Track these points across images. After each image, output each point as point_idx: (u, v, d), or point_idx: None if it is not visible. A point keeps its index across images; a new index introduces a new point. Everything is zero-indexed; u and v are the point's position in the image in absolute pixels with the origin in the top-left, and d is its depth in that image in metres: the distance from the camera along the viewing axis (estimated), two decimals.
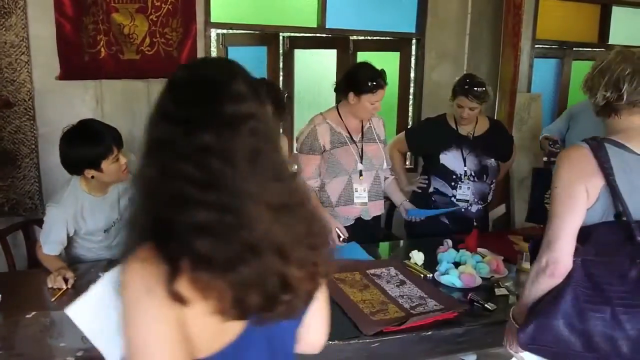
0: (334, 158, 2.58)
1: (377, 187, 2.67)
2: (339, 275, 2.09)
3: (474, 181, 2.73)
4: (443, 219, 2.77)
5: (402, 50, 4.48)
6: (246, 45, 4.21)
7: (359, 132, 2.65)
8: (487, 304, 1.91)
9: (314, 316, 1.06)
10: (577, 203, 1.43)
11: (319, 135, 2.57)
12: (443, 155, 2.75)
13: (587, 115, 3.16)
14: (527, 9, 4.44)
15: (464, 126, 2.78)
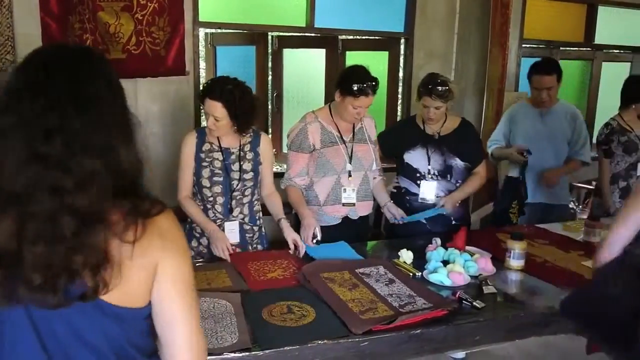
0: (324, 157, 2.57)
1: (365, 188, 2.67)
2: (328, 274, 2.09)
3: (437, 180, 2.74)
4: (423, 221, 2.76)
5: (390, 49, 4.49)
6: (235, 44, 4.20)
7: (350, 132, 2.64)
8: (475, 302, 1.92)
9: (170, 328, 1.03)
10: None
11: (309, 133, 2.57)
12: (407, 154, 2.76)
13: (524, 115, 3.33)
14: (515, 8, 4.48)
15: (431, 125, 2.77)
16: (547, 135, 3.29)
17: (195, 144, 2.37)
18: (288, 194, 2.62)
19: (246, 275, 2.11)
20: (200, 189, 2.39)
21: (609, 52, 5.48)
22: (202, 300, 1.84)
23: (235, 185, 2.39)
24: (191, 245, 2.43)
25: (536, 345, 3.19)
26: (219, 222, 2.39)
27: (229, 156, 2.39)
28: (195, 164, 2.37)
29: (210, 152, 2.38)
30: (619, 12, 5.37)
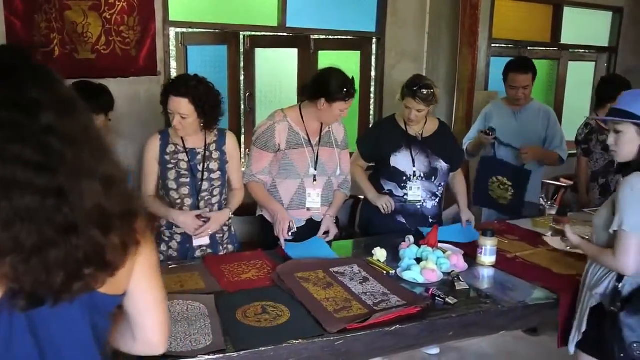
0: (287, 159, 2.55)
1: (328, 193, 2.65)
2: (303, 274, 2.09)
3: (422, 181, 2.76)
4: (399, 218, 2.79)
5: (362, 49, 4.52)
6: (206, 44, 4.16)
7: (317, 135, 2.61)
8: (448, 298, 1.94)
9: (145, 313, 1.10)
10: None
11: (276, 133, 2.54)
12: (393, 157, 2.76)
13: (498, 114, 3.39)
14: (484, 9, 4.55)
15: (412, 126, 2.79)
16: (521, 134, 3.34)
17: (159, 146, 2.32)
18: (252, 190, 2.59)
19: (219, 276, 2.10)
20: (168, 192, 2.34)
21: (575, 51, 5.62)
22: (175, 303, 1.82)
23: (202, 186, 2.35)
24: (160, 250, 2.36)
25: (508, 339, 3.26)
26: None
27: (194, 157, 2.34)
28: (161, 166, 2.32)
29: (175, 153, 2.32)
30: (584, 13, 5.51)
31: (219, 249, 2.45)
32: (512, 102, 3.39)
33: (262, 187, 2.59)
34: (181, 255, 2.35)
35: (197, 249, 2.39)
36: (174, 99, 2.21)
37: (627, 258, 1.71)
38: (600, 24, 5.70)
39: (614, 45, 5.70)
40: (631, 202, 1.70)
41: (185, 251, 2.37)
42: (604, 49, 5.74)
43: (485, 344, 3.26)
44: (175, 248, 2.38)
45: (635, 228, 1.69)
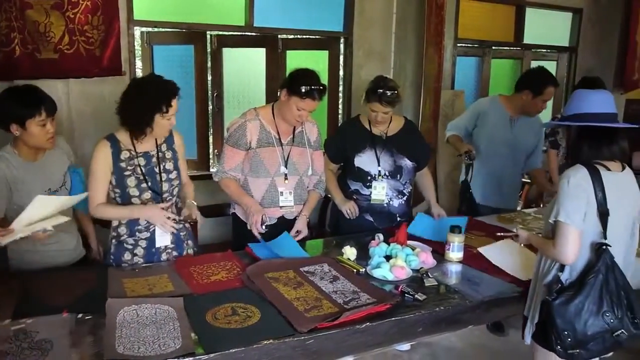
0: (258, 157, 2.55)
1: (300, 192, 2.65)
2: (273, 274, 2.09)
3: (388, 179, 2.79)
4: (367, 216, 2.81)
5: (330, 48, 4.53)
6: (172, 43, 4.11)
7: (289, 135, 2.62)
8: (417, 295, 1.97)
9: None
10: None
11: (247, 131, 2.54)
12: (358, 158, 2.78)
13: (495, 114, 3.26)
14: (449, 9, 4.62)
15: (377, 127, 2.81)
16: (512, 144, 3.25)
17: (111, 153, 2.20)
18: (225, 186, 2.58)
19: (188, 279, 2.08)
20: (129, 199, 2.24)
21: (537, 51, 5.77)
22: (143, 307, 1.79)
23: (163, 188, 2.30)
24: (124, 259, 2.28)
25: (477, 333, 3.32)
26: (154, 228, 2.28)
27: (149, 160, 2.28)
28: (115, 174, 2.21)
29: (130, 159, 2.22)
30: (545, 14, 5.65)
31: (184, 247, 2.41)
32: (515, 109, 3.22)
33: (234, 183, 2.58)
34: (147, 261, 2.30)
35: (163, 251, 2.34)
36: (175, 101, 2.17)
37: (565, 248, 1.79)
38: (561, 24, 5.86)
39: (574, 45, 5.87)
40: (567, 194, 1.79)
41: (151, 256, 2.31)
42: (564, 49, 5.90)
43: (455, 338, 3.32)
44: (141, 255, 2.30)
45: (570, 218, 1.77)
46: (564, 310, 1.75)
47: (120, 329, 1.66)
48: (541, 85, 3.07)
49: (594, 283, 1.74)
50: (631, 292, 1.79)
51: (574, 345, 1.75)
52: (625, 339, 1.77)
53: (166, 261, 2.32)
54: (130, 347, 1.56)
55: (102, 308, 1.78)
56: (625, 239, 1.90)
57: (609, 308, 1.74)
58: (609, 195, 1.78)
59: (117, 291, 1.94)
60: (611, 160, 1.85)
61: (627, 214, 1.87)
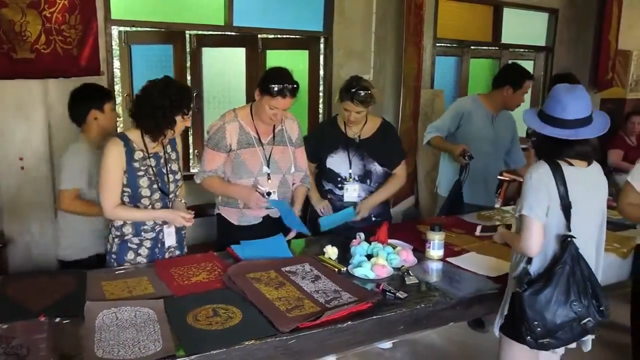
0: (239, 159, 2.54)
1: (284, 190, 2.65)
2: (254, 274, 2.08)
3: (357, 183, 2.79)
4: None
5: (310, 48, 4.53)
6: (151, 43, 4.07)
7: (269, 134, 2.61)
8: (398, 293, 1.98)
9: None
10: None
11: (227, 133, 2.53)
12: (330, 159, 2.79)
13: (478, 113, 3.32)
14: (428, 9, 4.66)
15: (351, 128, 2.81)
16: (494, 141, 3.34)
17: (124, 153, 2.19)
18: (208, 185, 2.58)
19: (169, 280, 2.06)
20: (139, 199, 2.25)
21: (515, 50, 5.85)
22: (122, 310, 1.77)
23: (170, 188, 2.34)
24: (127, 259, 2.29)
25: (458, 330, 3.36)
26: (159, 228, 2.31)
27: (158, 160, 2.31)
28: (128, 175, 2.21)
29: (144, 159, 2.25)
30: (522, 14, 5.73)
31: (184, 247, 2.46)
32: (495, 106, 3.31)
33: (217, 179, 2.57)
34: (150, 261, 2.30)
35: (167, 251, 2.36)
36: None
37: (529, 240, 1.85)
38: (538, 24, 5.95)
39: (550, 44, 5.96)
40: (530, 188, 1.86)
41: (154, 256, 2.32)
42: (541, 49, 5.99)
43: (436, 335, 3.35)
44: (145, 255, 2.31)
45: (532, 212, 1.84)
46: (534, 301, 1.80)
47: (99, 332, 1.64)
48: (520, 79, 3.23)
49: (561, 274, 1.80)
50: (595, 281, 1.85)
51: (544, 334, 1.81)
52: (592, 326, 1.83)
53: (145, 263, 2.30)
54: (109, 351, 1.54)
55: (80, 311, 1.76)
56: (594, 231, 1.96)
57: (576, 297, 1.80)
58: (572, 189, 1.83)
59: (95, 294, 1.91)
60: (575, 159, 1.89)
61: (593, 207, 1.93)
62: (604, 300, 1.83)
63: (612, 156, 5.07)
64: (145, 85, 2.20)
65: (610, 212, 3.19)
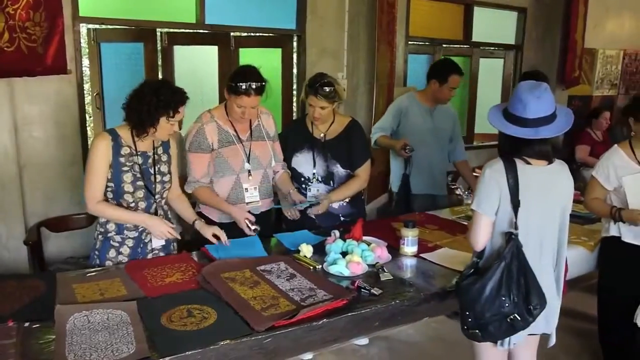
0: (222, 157, 2.54)
1: (266, 185, 2.66)
2: (229, 274, 2.07)
3: (321, 183, 2.80)
4: (312, 216, 2.79)
5: (283, 46, 4.52)
6: (120, 41, 4.01)
7: (247, 131, 2.61)
8: (373, 289, 1.99)
9: None
10: None
11: (206, 133, 2.53)
12: (295, 159, 2.81)
13: (414, 108, 3.43)
14: (400, 8, 4.70)
15: (318, 127, 2.82)
16: (434, 132, 3.43)
17: (112, 147, 2.20)
18: (199, 195, 2.58)
19: (142, 282, 2.03)
20: (121, 195, 2.24)
21: (485, 49, 5.94)
22: (94, 313, 1.74)
23: (156, 188, 2.32)
24: (108, 257, 2.28)
25: (433, 324, 3.40)
26: (142, 228, 2.30)
27: (146, 160, 2.29)
28: (113, 169, 2.21)
29: (130, 156, 2.24)
30: (492, 13, 5.83)
31: (171, 249, 2.45)
32: (429, 100, 3.42)
33: (208, 190, 2.56)
34: (132, 260, 2.29)
35: (150, 252, 2.35)
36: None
37: (476, 235, 1.91)
38: (507, 23, 6.06)
39: (519, 43, 6.07)
40: (481, 184, 1.91)
41: (135, 256, 2.31)
42: (511, 47, 6.09)
43: (412, 330, 3.39)
44: (126, 253, 2.30)
45: (480, 207, 1.88)
46: (467, 292, 1.85)
47: (71, 336, 1.61)
48: (445, 74, 3.31)
49: (497, 268, 1.83)
50: (532, 279, 1.85)
51: (474, 326, 1.86)
52: (519, 323, 1.85)
53: (117, 264, 2.27)
54: (81, 355, 1.51)
55: (50, 315, 1.72)
56: (550, 230, 1.96)
57: (506, 293, 1.83)
58: (524, 187, 1.85)
59: (66, 297, 1.88)
60: (534, 158, 1.91)
61: (549, 206, 1.94)
62: (535, 299, 1.84)
63: (579, 152, 5.20)
64: (142, 82, 2.23)
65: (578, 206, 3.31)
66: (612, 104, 6.89)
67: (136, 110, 2.16)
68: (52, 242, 3.44)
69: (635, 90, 7.33)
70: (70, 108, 3.55)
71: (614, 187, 2.58)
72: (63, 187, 3.58)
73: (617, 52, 6.85)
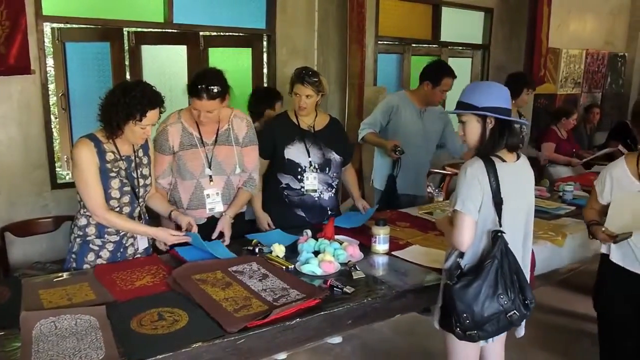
0: (181, 161, 2.51)
1: (229, 192, 2.61)
2: (200, 275, 2.05)
3: (317, 172, 2.81)
4: (299, 212, 2.83)
5: (253, 46, 4.50)
6: (86, 41, 3.92)
7: (213, 134, 2.56)
8: (346, 288, 2.00)
9: None
10: None
11: (169, 135, 2.49)
12: (287, 150, 2.79)
13: (405, 108, 3.43)
14: (369, 7, 4.72)
15: (304, 119, 2.83)
16: (423, 134, 3.44)
17: (97, 153, 2.15)
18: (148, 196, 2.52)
19: (111, 286, 1.99)
20: (107, 201, 2.20)
21: (453, 48, 6.03)
22: (62, 319, 1.70)
23: (140, 193, 2.30)
24: (86, 260, 2.24)
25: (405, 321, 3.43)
26: (123, 232, 2.28)
27: (130, 164, 2.26)
28: (101, 175, 2.16)
29: (115, 161, 2.20)
30: (460, 13, 5.92)
31: (150, 252, 2.43)
32: (420, 101, 3.41)
33: (159, 197, 2.50)
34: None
35: (131, 256, 2.33)
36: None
37: (461, 235, 1.89)
38: (474, 23, 6.16)
39: (486, 42, 6.18)
40: (463, 184, 1.90)
41: (114, 260, 2.28)
42: (478, 46, 6.20)
43: (385, 328, 3.41)
44: (105, 257, 2.27)
45: (465, 207, 1.88)
46: (464, 294, 1.83)
47: (37, 343, 1.57)
48: (439, 76, 3.31)
49: (490, 268, 1.83)
50: (522, 275, 1.90)
51: (472, 326, 1.84)
52: (517, 319, 1.88)
53: (85, 269, 2.23)
54: None
55: (16, 322, 1.67)
56: (523, 225, 2.01)
57: (503, 291, 1.84)
58: (504, 184, 1.88)
59: (32, 303, 1.83)
60: (509, 151, 1.95)
61: (523, 201, 1.99)
62: (529, 293, 1.89)
63: (545, 149, 5.32)
64: (117, 83, 2.22)
65: (544, 202, 3.39)
66: (576, 102, 7.08)
67: (105, 112, 2.13)
68: (17, 248, 3.34)
69: (598, 88, 7.57)
70: (34, 109, 3.46)
71: (607, 202, 2.42)
72: (28, 190, 3.49)
73: (579, 51, 7.04)
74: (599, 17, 7.29)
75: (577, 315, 3.56)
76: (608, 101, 7.75)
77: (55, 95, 4.43)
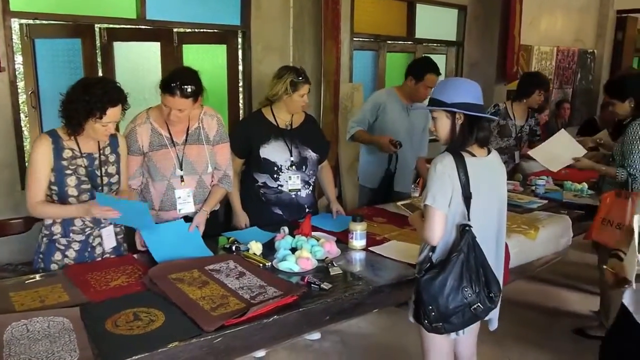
0: (151, 162, 2.46)
1: (202, 192, 2.57)
2: (177, 274, 2.03)
3: (294, 171, 2.81)
4: (276, 209, 2.82)
5: (228, 43, 4.46)
6: (56, 37, 3.83)
7: (183, 134, 2.51)
8: (323, 284, 2.01)
9: None
10: None
11: (137, 135, 2.44)
12: (262, 149, 2.76)
13: (393, 104, 3.45)
14: (344, 4, 4.73)
15: (283, 117, 2.82)
16: (409, 130, 3.46)
17: (52, 149, 2.12)
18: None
19: (85, 287, 1.96)
20: (66, 199, 2.16)
21: (428, 45, 6.08)
22: (34, 321, 1.67)
23: (104, 191, 2.23)
24: (54, 259, 2.20)
25: (383, 315, 3.46)
26: (89, 231, 2.24)
27: (92, 162, 2.21)
28: (56, 172, 2.13)
29: (73, 158, 2.15)
30: (434, 10, 5.98)
31: (121, 251, 2.38)
32: (406, 97, 3.43)
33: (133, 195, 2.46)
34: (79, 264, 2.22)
35: (99, 255, 2.28)
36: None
37: (431, 230, 1.91)
38: (448, 20, 6.23)
39: (460, 39, 6.25)
40: (433, 179, 1.92)
41: (82, 259, 2.23)
42: (452, 43, 6.27)
43: (363, 323, 3.43)
44: (72, 257, 2.22)
45: (435, 202, 1.90)
46: (430, 286, 1.86)
47: (8, 347, 1.53)
48: (422, 71, 3.33)
49: (456, 261, 1.86)
50: (488, 268, 1.93)
51: (438, 318, 1.87)
52: (481, 311, 1.91)
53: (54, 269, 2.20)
54: None
55: None
56: (495, 218, 2.04)
57: (467, 284, 1.87)
58: (473, 179, 1.91)
59: (3, 306, 1.78)
60: (479, 146, 1.98)
61: (493, 195, 2.02)
62: (494, 287, 1.91)
63: None
64: (78, 80, 2.16)
65: (517, 195, 3.45)
66: (547, 97, 7.22)
67: (66, 109, 2.09)
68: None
69: (569, 84, 7.73)
70: (3, 107, 3.38)
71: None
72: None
73: (550, 48, 7.18)
74: (569, 15, 7.44)
75: (550, 308, 3.64)
76: (578, 97, 7.93)
77: (24, 93, 4.32)
